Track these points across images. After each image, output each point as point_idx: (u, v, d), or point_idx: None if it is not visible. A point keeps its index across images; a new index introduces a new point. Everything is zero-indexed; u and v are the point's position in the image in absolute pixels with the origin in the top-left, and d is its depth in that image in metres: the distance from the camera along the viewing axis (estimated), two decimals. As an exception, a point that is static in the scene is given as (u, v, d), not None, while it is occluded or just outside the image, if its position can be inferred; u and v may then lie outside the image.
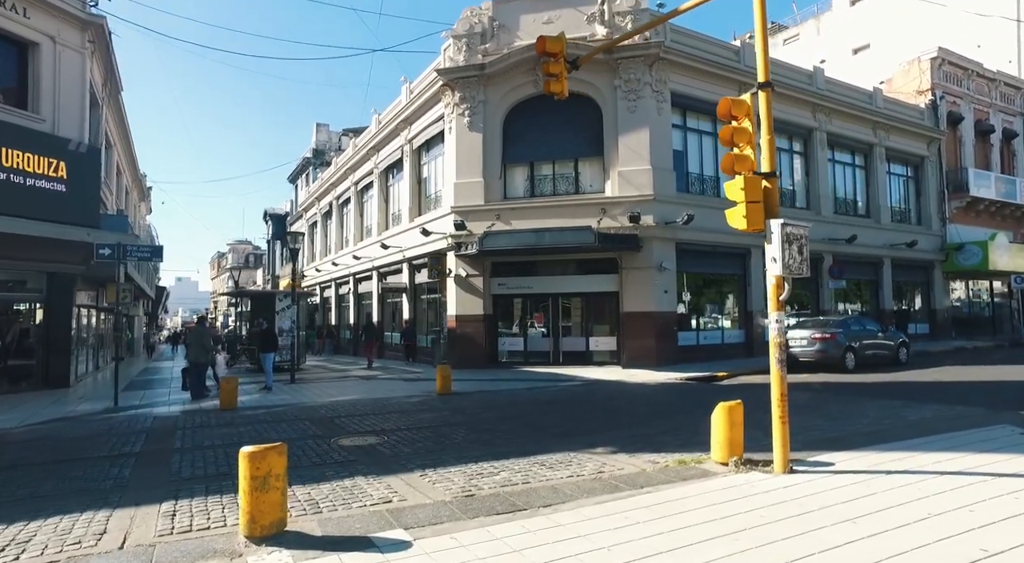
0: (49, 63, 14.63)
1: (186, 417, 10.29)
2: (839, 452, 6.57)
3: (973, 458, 6.20)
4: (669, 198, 17.90)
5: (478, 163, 18.79)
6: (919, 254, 25.40)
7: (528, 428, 8.60)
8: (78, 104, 15.17)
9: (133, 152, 25.93)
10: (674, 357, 17.68)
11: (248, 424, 9.44)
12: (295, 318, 18.42)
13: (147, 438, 8.39)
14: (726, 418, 6.10)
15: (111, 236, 13.75)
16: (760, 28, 6.40)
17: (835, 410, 9.60)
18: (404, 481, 5.88)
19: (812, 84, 22.20)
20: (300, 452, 7.31)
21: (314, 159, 38.75)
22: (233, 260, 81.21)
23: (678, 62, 18.51)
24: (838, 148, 23.58)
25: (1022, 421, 7.99)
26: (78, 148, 14.05)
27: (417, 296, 22.58)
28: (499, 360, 19.07)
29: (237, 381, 11.53)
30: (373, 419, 9.73)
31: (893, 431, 7.70)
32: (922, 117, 26.29)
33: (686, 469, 6.08)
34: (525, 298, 19.31)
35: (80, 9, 15.19)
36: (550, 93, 9.50)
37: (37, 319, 15.20)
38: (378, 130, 25.45)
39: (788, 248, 5.77)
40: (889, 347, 16.95)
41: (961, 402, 9.95)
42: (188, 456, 7.24)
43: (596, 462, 6.51)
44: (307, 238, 39.58)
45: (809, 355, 15.63)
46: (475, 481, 5.84)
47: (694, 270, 19.20)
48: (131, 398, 13.04)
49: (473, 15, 19.40)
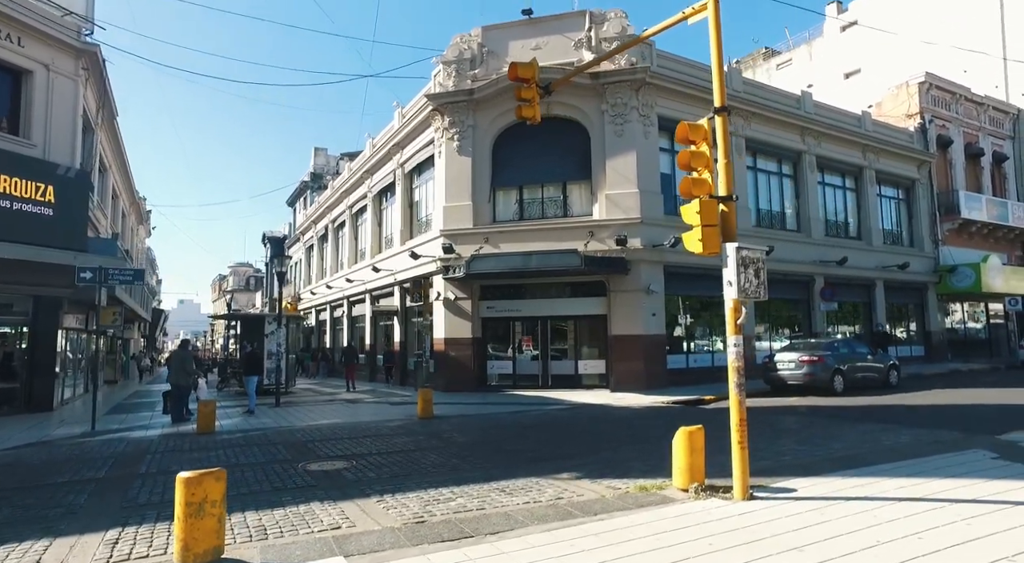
0: (42, 90, 14.90)
1: (161, 441, 10.23)
2: (805, 477, 6.49)
3: (937, 484, 6.12)
4: (657, 221, 17.95)
5: (467, 187, 18.93)
6: (912, 276, 25.36)
7: (500, 453, 8.52)
8: (70, 130, 15.39)
9: (130, 176, 26.22)
10: (664, 380, 17.57)
11: (221, 448, 9.38)
12: (282, 341, 18.42)
13: (114, 464, 8.33)
14: (686, 443, 6.04)
15: (97, 259, 13.83)
16: (716, 56, 6.50)
17: (813, 434, 9.51)
18: (359, 507, 5.82)
19: (800, 108, 22.42)
20: (264, 477, 7.26)
21: (312, 183, 39.11)
22: (234, 283, 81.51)
23: (665, 87, 18.73)
24: (828, 171, 23.71)
25: (996, 446, 7.89)
26: (67, 173, 14.22)
27: (408, 319, 22.57)
28: (488, 383, 18.98)
29: (215, 405, 11.48)
30: (347, 443, 9.66)
31: (866, 456, 7.60)
32: (911, 140, 26.47)
33: (646, 496, 6.00)
34: (514, 321, 19.28)
35: (75, 38, 15.51)
36: (522, 118, 9.62)
37: (23, 342, 15.19)
38: (372, 154, 25.74)
39: (744, 271, 5.78)
40: (879, 370, 16.82)
41: (943, 426, 9.84)
42: (150, 481, 7.18)
43: (557, 488, 6.44)
44: (304, 261, 39.80)
45: (797, 378, 15.51)
46: (430, 507, 5.77)
47: (683, 293, 19.18)
48: (112, 422, 12.98)
49: (463, 42, 19.74)
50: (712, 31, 6.51)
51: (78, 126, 15.80)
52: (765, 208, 21.52)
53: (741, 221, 19.91)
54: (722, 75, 6.43)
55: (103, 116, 19.12)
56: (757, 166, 21.48)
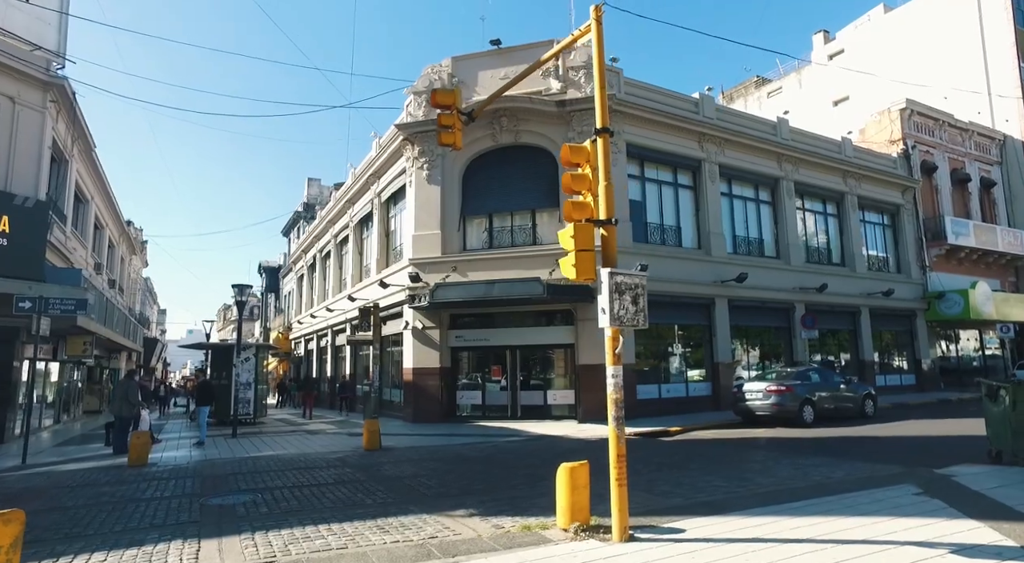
0: (6, 122, 15.15)
1: (84, 475, 10.00)
2: (707, 517, 6.14)
3: (839, 522, 5.75)
4: (625, 248, 17.66)
5: (436, 215, 18.89)
6: (899, 303, 24.85)
7: (411, 488, 8.20)
8: (35, 161, 15.59)
9: (115, 206, 26.53)
10: (633, 411, 17.02)
11: (137, 482, 9.14)
12: (251, 371, 18.26)
13: (6, 502, 8.07)
14: (567, 481, 5.74)
15: (54, 289, 13.89)
16: (599, 74, 6.40)
17: (748, 469, 9.10)
18: (219, 545, 5.56)
19: (777, 134, 22.32)
20: (154, 512, 7.00)
21: (305, 213, 39.45)
22: (237, 312, 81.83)
23: (633, 114, 18.74)
24: (808, 197, 23.49)
25: (928, 480, 7.48)
26: (24, 203, 14.33)
27: (384, 348, 22.36)
28: (458, 414, 18.65)
29: (148, 437, 11.28)
30: (270, 476, 9.39)
31: (786, 493, 7.22)
32: (895, 166, 26.25)
33: (524, 535, 5.68)
34: (483, 351, 19.01)
35: (42, 71, 15.83)
36: (443, 145, 9.52)
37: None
38: (352, 183, 25.92)
39: (619, 298, 5.55)
40: (853, 399, 16.28)
41: (892, 459, 9.40)
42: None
43: (439, 526, 6.13)
44: (296, 291, 39.89)
45: (764, 409, 15.04)
46: (292, 546, 5.50)
47: (654, 321, 18.54)
48: (54, 454, 12.79)
49: (433, 72, 19.95)
50: (595, 51, 6.43)
51: (44, 157, 16.01)
52: (742, 234, 21.26)
53: (715, 248, 19.84)
54: (603, 95, 6.30)
55: (78, 148, 19.41)
56: (732, 192, 21.31)
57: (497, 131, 19.00)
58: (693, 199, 20.31)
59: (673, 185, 20.05)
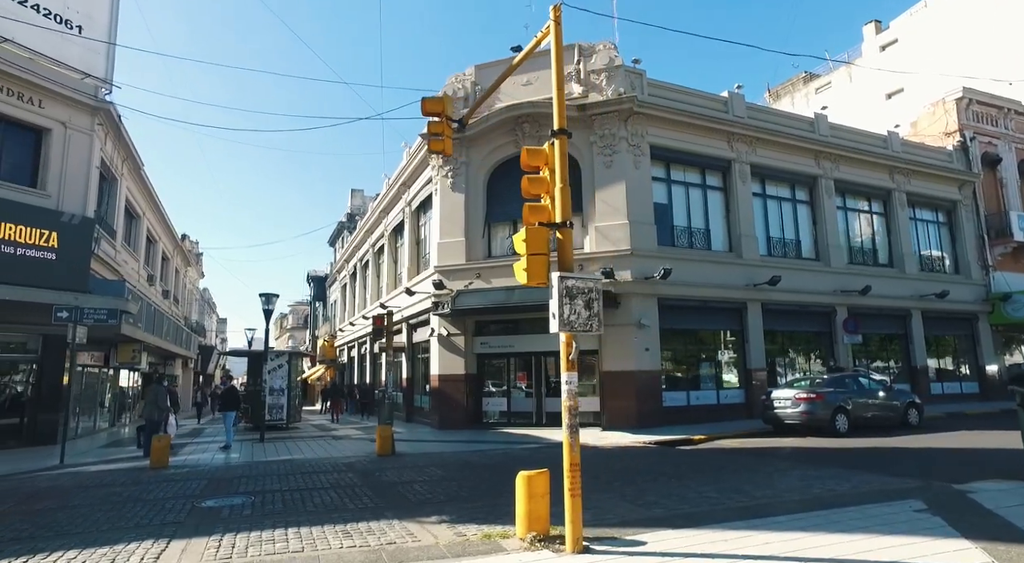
0: (59, 145, 16.31)
1: (108, 476, 10.56)
2: (676, 529, 5.90)
3: (818, 538, 5.41)
4: (649, 252, 17.37)
5: (460, 223, 19.04)
6: (957, 305, 23.25)
7: (399, 495, 8.24)
8: (83, 181, 16.69)
9: (167, 221, 28.05)
10: (659, 419, 16.69)
11: (147, 483, 9.57)
12: (283, 378, 18.87)
13: (27, 498, 8.57)
14: (525, 489, 5.63)
15: (99, 300, 14.83)
16: (556, 77, 6.30)
17: (749, 479, 8.67)
18: (185, 546, 5.75)
19: (814, 131, 21.38)
20: (145, 513, 7.31)
21: (348, 223, 40.57)
22: (293, 320, 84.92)
23: (657, 116, 18.35)
24: (851, 195, 22.37)
25: (939, 496, 6.94)
26: (71, 220, 15.35)
27: (415, 355, 22.69)
28: (484, 421, 18.66)
29: (169, 440, 11.80)
30: (272, 480, 9.65)
31: (776, 506, 6.85)
32: (950, 159, 24.66)
33: (482, 543, 5.61)
34: (508, 357, 18.97)
35: (91, 97, 16.97)
36: (432, 152, 9.57)
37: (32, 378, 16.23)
38: (386, 193, 26.49)
39: (570, 303, 5.42)
40: (894, 408, 15.31)
41: (913, 472, 8.77)
42: (21, 518, 7.37)
43: (405, 532, 6.13)
44: (340, 299, 41.01)
45: (793, 417, 14.34)
46: (254, 548, 5.63)
47: (682, 327, 18.32)
48: (94, 454, 13.59)
49: (457, 81, 20.19)
50: (554, 52, 6.35)
51: (93, 177, 17.11)
52: (776, 236, 20.44)
53: (747, 250, 19.13)
54: (562, 96, 6.21)
55: (127, 167, 20.66)
56: (766, 192, 20.54)
57: (520, 137, 18.96)
58: (723, 200, 19.68)
59: (701, 187, 19.50)
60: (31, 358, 15.92)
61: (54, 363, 15.93)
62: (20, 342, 15.87)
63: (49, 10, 16.84)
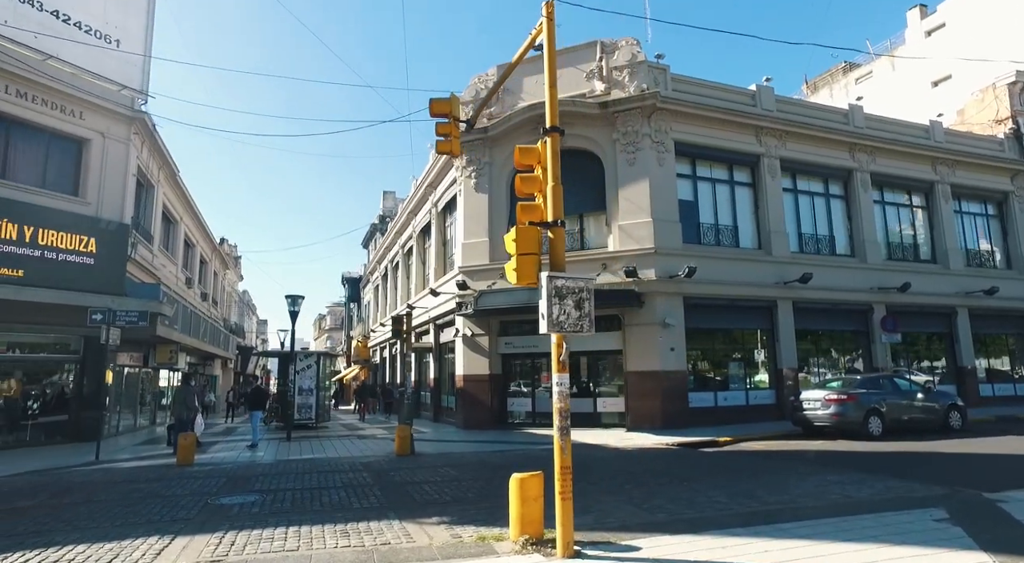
0: (98, 155, 17.01)
1: (134, 472, 10.95)
2: (675, 535, 5.74)
3: (821, 547, 5.19)
4: (674, 250, 17.04)
5: (484, 223, 19.06)
6: (1010, 302, 22.05)
7: (406, 495, 8.27)
8: (120, 188, 17.37)
9: (204, 225, 28.97)
10: (685, 420, 16.34)
11: (169, 480, 9.87)
12: (312, 378, 19.24)
13: (55, 493, 8.93)
14: (517, 492, 5.56)
15: (134, 302, 15.42)
16: (549, 75, 6.20)
17: (764, 483, 8.37)
18: (188, 542, 5.90)
19: (849, 123, 20.60)
20: (160, 509, 7.53)
21: (380, 225, 41.11)
22: (331, 321, 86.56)
23: (681, 111, 18.00)
24: (889, 188, 21.48)
25: (962, 506, 6.56)
26: (107, 226, 15.99)
27: (442, 355, 22.84)
28: (509, 421, 18.63)
29: (194, 438, 12.15)
30: (290, 478, 9.83)
31: (785, 512, 6.60)
32: (1001, 148, 23.42)
33: (475, 545, 5.58)
34: (533, 357, 18.88)
35: (127, 107, 17.65)
36: (440, 153, 9.57)
37: (73, 377, 16.97)
38: (414, 194, 26.75)
39: (560, 303, 5.33)
40: (934, 410, 14.60)
41: (942, 479, 8.31)
42: (47, 513, 7.68)
43: (402, 533, 6.15)
44: (372, 300, 41.65)
45: (823, 419, 13.83)
46: (251, 545, 5.74)
47: (709, 326, 17.90)
48: (128, 451, 14.12)
49: (480, 82, 20.21)
50: (546, 50, 6.26)
51: (129, 184, 17.79)
52: (808, 232, 19.78)
53: (777, 247, 18.57)
54: (554, 94, 6.12)
55: (164, 174, 21.42)
56: (797, 187, 19.90)
57: (542, 136, 18.82)
58: (752, 196, 19.16)
59: (729, 183, 19.03)
60: (74, 358, 16.64)
61: (95, 363, 16.61)
62: (64, 343, 16.60)
63: (90, 27, 17.56)
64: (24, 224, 14.31)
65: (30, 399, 16.17)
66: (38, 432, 15.90)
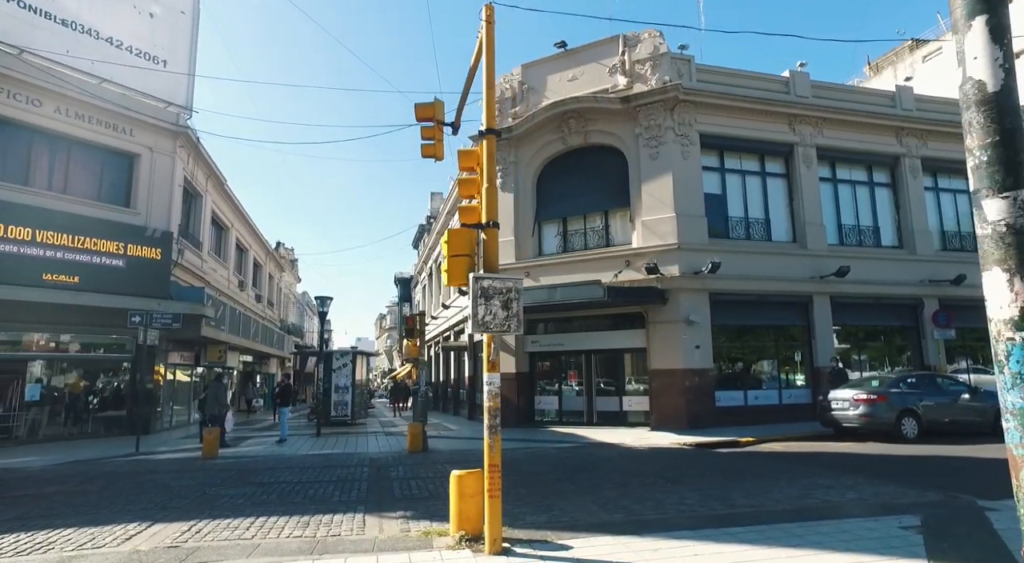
0: (146, 168, 18.31)
1: (161, 464, 11.77)
2: (615, 536, 5.70)
3: (759, 552, 5.05)
4: (699, 246, 16.60)
5: (510, 222, 19.12)
6: (1086, 295, 20.09)
7: (387, 491, 8.53)
8: (167, 198, 18.62)
9: (256, 231, 30.52)
10: (712, 419, 15.91)
11: (187, 471, 10.56)
12: (347, 376, 19.97)
13: (82, 481, 9.74)
14: (456, 488, 5.67)
15: (177, 305, 16.54)
16: (487, 78, 6.24)
17: (750, 485, 8.10)
18: (160, 528, 6.35)
19: (896, 106, 19.38)
20: (161, 498, 8.11)
21: (427, 225, 41.94)
22: (391, 321, 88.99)
23: (707, 102, 17.49)
24: (943, 173, 20.03)
25: (944, 513, 6.15)
26: (154, 234, 17.20)
27: (476, 354, 23.13)
28: (536, 420, 18.68)
29: (218, 433, 12.92)
30: (293, 472, 10.31)
31: (748, 515, 6.40)
32: (1077, 126, 21.35)
33: (417, 540, 5.74)
34: (559, 356, 18.88)
35: (173, 123, 18.89)
36: (425, 157, 9.73)
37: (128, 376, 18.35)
38: (450, 194, 27.20)
39: (486, 303, 5.39)
40: (980, 412, 13.55)
41: (948, 484, 7.79)
42: (63, 499, 8.40)
43: (357, 525, 6.39)
44: (421, 300, 42.58)
45: (852, 420, 13.13)
46: (213, 533, 6.13)
47: (738, 322, 17.34)
48: (168, 445, 15.15)
49: (505, 81, 20.31)
50: (485, 54, 6.29)
51: (176, 195, 19.04)
52: (849, 223, 18.74)
53: (813, 239, 17.72)
54: (491, 96, 6.15)
55: (212, 183, 22.76)
56: (836, 176, 18.90)
57: (566, 134, 18.80)
58: (785, 187, 18.38)
59: (760, 174, 18.32)
60: (128, 358, 17.99)
61: (147, 362, 17.91)
62: (120, 344, 17.96)
63: (140, 50, 18.89)
64: (80, 235, 15.64)
65: (91, 395, 17.64)
66: (98, 425, 17.32)
